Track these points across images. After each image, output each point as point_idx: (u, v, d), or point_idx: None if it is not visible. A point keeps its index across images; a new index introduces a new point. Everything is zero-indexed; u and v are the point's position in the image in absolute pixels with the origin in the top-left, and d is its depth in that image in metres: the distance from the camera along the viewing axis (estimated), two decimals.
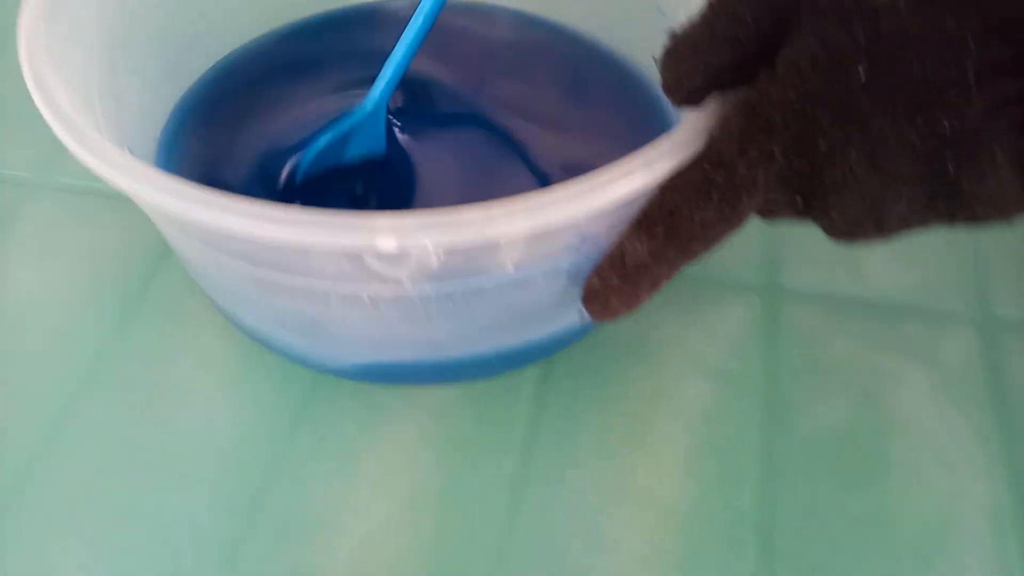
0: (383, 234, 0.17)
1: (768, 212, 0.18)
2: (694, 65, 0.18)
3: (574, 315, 0.22)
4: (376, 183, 0.28)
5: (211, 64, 0.31)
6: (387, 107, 0.27)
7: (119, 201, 0.30)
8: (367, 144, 0.28)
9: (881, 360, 0.27)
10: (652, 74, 0.29)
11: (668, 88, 0.19)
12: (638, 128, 0.28)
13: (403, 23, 0.26)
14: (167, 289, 0.28)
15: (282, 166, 0.28)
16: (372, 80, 0.27)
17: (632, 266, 0.20)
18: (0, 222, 0.31)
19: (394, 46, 0.26)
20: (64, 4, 0.23)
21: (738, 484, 0.24)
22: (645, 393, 0.26)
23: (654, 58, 0.19)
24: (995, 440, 0.25)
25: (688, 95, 0.19)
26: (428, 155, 0.28)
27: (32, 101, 0.20)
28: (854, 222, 0.18)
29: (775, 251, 0.29)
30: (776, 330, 0.27)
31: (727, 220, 0.18)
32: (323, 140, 0.27)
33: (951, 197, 0.17)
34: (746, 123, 0.17)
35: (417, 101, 0.30)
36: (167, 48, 0.28)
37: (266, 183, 0.27)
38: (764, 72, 0.17)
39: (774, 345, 0.27)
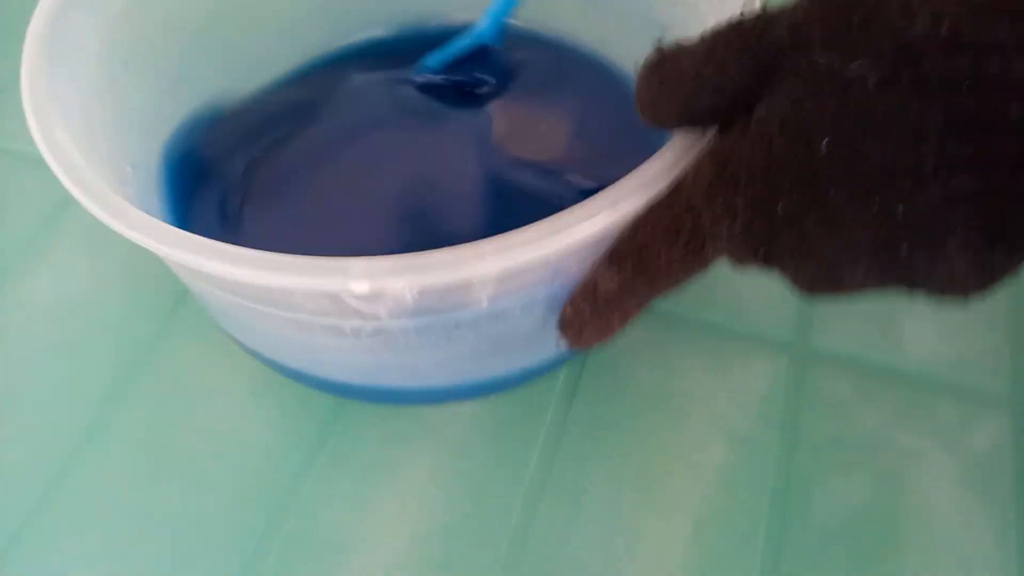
0: (356, 279, 0.17)
1: (735, 257, 0.19)
2: (672, 97, 0.18)
3: (553, 343, 0.23)
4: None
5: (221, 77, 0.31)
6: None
7: None
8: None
9: (907, 438, 0.26)
10: None
11: (641, 106, 0.19)
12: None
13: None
14: None
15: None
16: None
17: (603, 298, 0.20)
18: (49, 219, 0.32)
19: None
20: (65, 23, 0.23)
21: (747, 558, 0.24)
22: (663, 450, 0.26)
23: (634, 65, 0.19)
24: (1013, 538, 0.24)
25: (658, 120, 0.19)
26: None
27: None
28: (812, 281, 0.18)
29: (809, 307, 0.29)
30: (801, 395, 0.27)
31: (693, 262, 0.19)
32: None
33: (906, 273, 0.17)
34: (715, 174, 0.18)
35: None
36: (170, 63, 0.29)
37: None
38: (740, 122, 0.18)
39: (798, 411, 0.27)
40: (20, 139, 0.35)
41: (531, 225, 0.18)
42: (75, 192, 0.19)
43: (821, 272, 0.17)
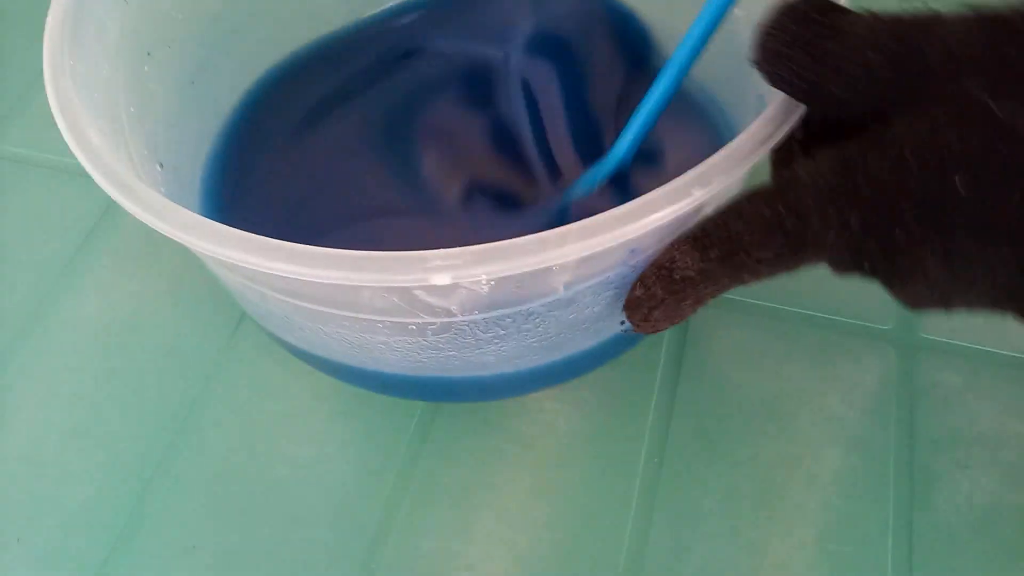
0: (437, 271, 0.16)
1: (835, 266, 0.18)
2: (802, 64, 0.17)
3: (617, 327, 0.22)
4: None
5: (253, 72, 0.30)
6: None
7: None
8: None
9: None
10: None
11: (767, 55, 0.17)
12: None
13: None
14: None
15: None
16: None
17: (679, 280, 0.19)
18: (90, 233, 0.31)
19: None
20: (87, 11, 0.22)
21: (876, 568, 0.23)
22: (777, 458, 0.25)
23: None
24: None
25: (776, 77, 0.17)
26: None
27: None
28: (917, 300, 0.17)
29: None
30: (914, 390, 0.26)
31: (785, 263, 0.18)
32: None
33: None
34: (835, 180, 0.16)
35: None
36: (196, 51, 0.28)
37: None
38: (873, 130, 0.16)
39: (912, 407, 0.26)
40: (47, 147, 0.33)
41: (617, 208, 0.17)
42: (126, 204, 0.18)
43: (930, 296, 0.17)
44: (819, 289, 0.28)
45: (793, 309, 0.28)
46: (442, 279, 0.16)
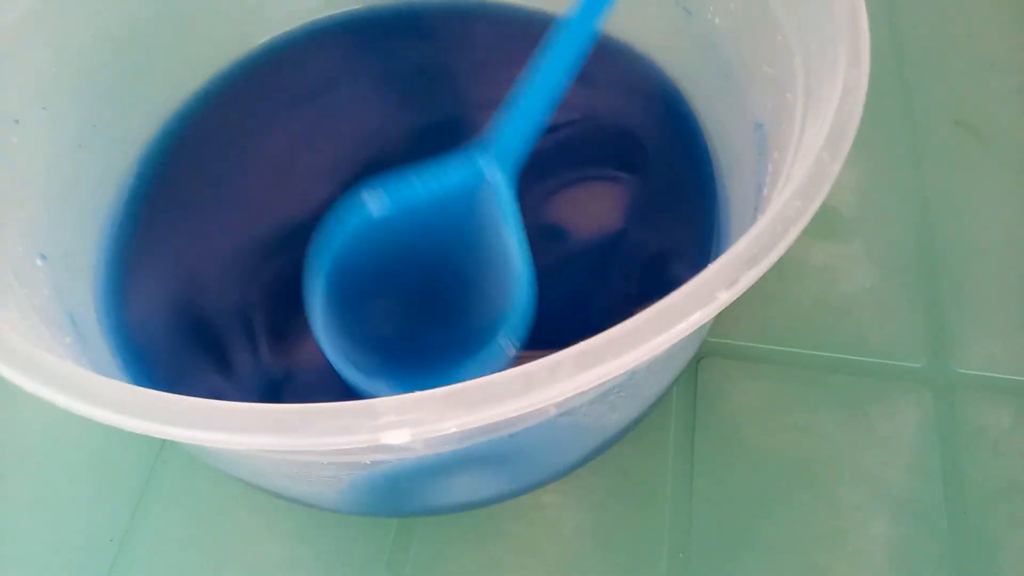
0: (391, 427, 0.12)
1: None
2: None
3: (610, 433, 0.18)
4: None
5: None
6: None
7: None
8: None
9: None
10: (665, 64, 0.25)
11: None
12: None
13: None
14: None
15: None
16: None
17: None
18: None
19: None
20: None
21: None
22: (818, 531, 0.21)
23: None
24: None
25: None
26: None
27: None
28: None
29: (940, 327, 0.25)
30: (958, 436, 0.23)
31: None
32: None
33: None
34: None
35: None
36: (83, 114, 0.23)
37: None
38: None
39: (958, 458, 0.22)
40: None
41: (617, 330, 0.13)
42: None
43: None
44: (839, 326, 0.25)
45: (813, 352, 0.24)
46: (398, 437, 0.12)
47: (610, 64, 0.25)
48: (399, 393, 0.12)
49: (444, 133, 0.24)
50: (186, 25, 0.25)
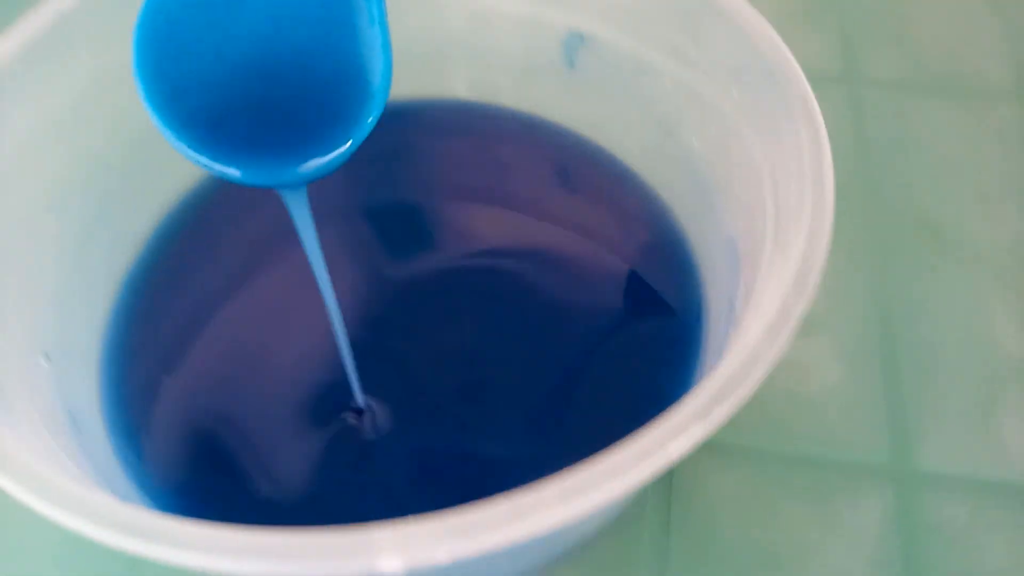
0: (385, 553, 0.13)
1: None
2: None
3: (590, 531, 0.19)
4: None
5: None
6: None
7: None
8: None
9: None
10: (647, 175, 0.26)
11: None
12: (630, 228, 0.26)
13: None
14: None
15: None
16: None
17: None
18: None
19: None
20: None
21: None
22: None
23: None
24: None
25: None
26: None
27: None
28: None
29: (902, 423, 0.26)
30: (918, 531, 0.24)
31: None
32: None
33: None
34: None
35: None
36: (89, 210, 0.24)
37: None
38: None
39: (917, 551, 0.23)
40: None
41: (608, 458, 0.14)
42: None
43: None
44: (807, 420, 0.26)
45: (783, 447, 0.26)
46: (392, 565, 0.13)
47: (597, 173, 0.26)
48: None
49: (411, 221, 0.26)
50: None
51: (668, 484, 0.25)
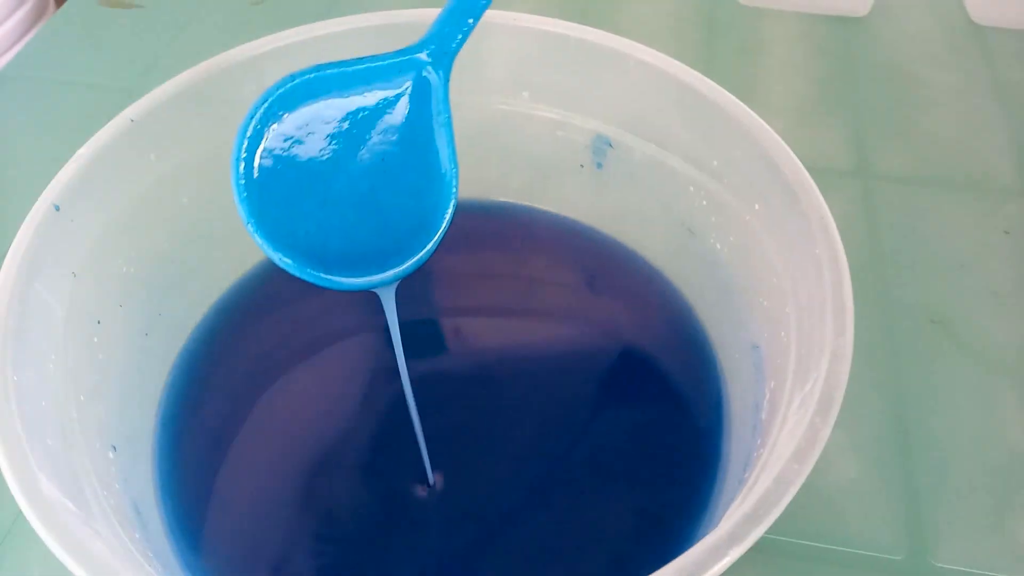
0: None
1: None
2: None
3: None
4: None
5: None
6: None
7: None
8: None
9: None
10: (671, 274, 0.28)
11: None
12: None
13: None
14: None
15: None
16: None
17: None
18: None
19: None
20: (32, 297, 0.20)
21: None
22: None
23: None
24: None
25: None
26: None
27: None
28: None
29: (919, 520, 0.27)
30: None
31: None
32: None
33: None
34: None
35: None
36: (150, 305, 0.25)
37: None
38: None
39: None
40: None
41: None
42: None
43: None
44: (826, 516, 0.27)
45: (803, 542, 0.26)
46: None
47: (624, 274, 0.28)
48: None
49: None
50: (239, 223, 0.28)
51: None
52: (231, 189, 0.20)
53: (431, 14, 0.22)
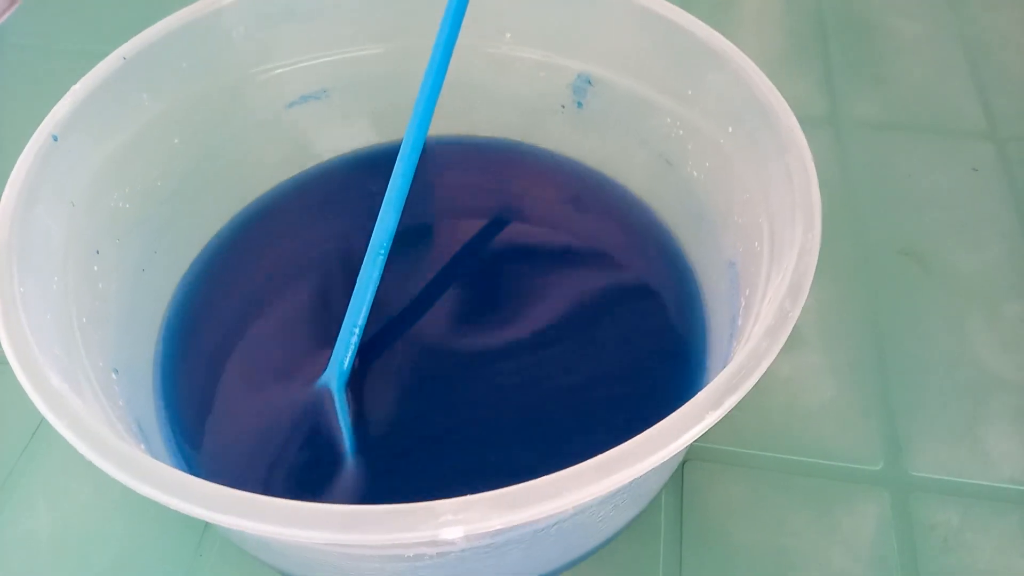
0: (448, 525, 0.15)
1: None
2: None
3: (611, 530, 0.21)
4: None
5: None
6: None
7: None
8: None
9: None
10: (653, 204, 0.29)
11: None
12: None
13: None
14: None
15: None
16: None
17: None
18: (36, 434, 0.28)
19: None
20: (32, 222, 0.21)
21: None
22: None
23: None
24: None
25: None
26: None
27: None
28: None
29: (894, 434, 0.28)
30: (912, 533, 0.26)
31: None
32: None
33: None
34: None
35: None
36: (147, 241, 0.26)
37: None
38: None
39: (914, 553, 0.25)
40: None
41: (637, 437, 0.16)
42: (100, 462, 0.16)
43: None
44: (805, 432, 0.28)
45: (783, 456, 0.28)
46: (453, 533, 0.15)
47: (607, 199, 0.29)
48: None
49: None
50: (230, 164, 0.29)
51: (679, 492, 0.27)
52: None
53: None
